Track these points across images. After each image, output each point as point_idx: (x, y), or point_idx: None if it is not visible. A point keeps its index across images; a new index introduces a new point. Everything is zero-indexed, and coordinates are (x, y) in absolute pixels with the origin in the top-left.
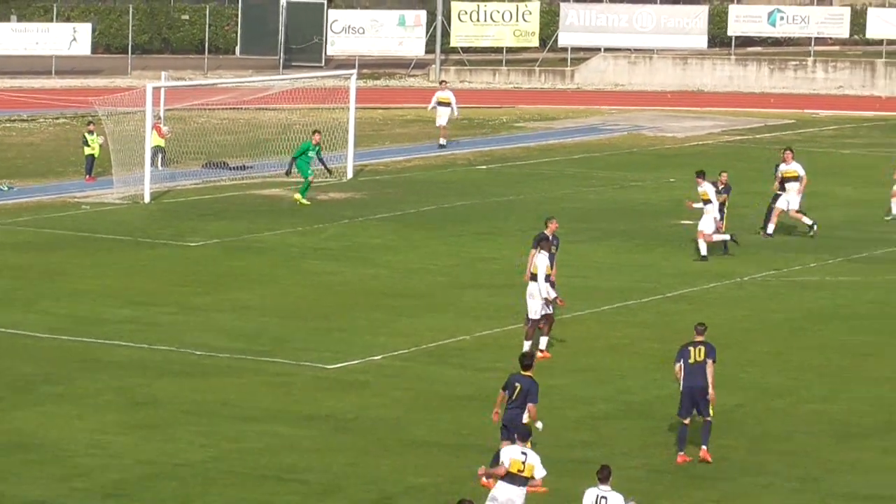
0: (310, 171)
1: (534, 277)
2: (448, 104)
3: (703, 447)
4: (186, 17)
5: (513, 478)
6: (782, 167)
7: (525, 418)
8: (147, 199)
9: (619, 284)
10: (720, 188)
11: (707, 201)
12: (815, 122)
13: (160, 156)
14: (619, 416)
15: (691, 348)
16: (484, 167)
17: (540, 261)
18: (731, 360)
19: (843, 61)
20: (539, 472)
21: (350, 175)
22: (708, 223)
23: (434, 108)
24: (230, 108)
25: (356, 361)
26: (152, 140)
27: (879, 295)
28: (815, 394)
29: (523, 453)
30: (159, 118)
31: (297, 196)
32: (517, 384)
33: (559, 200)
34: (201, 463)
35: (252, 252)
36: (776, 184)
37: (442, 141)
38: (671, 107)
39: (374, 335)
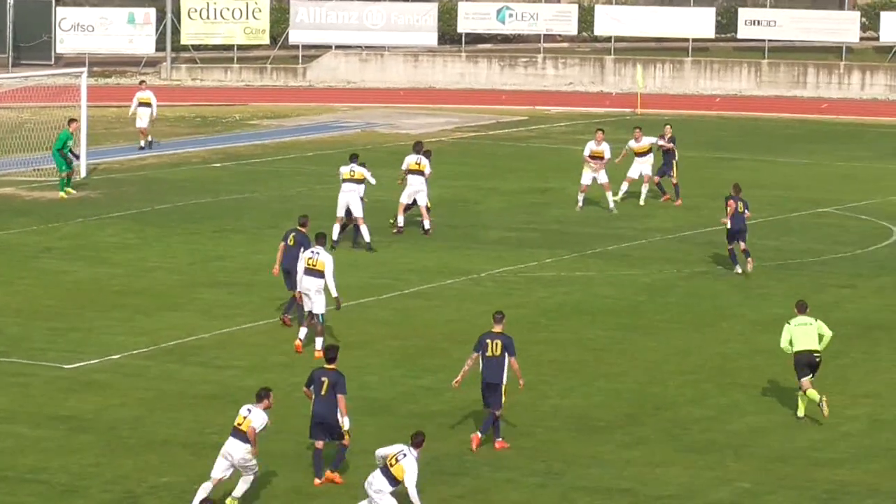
0: (65, 166)
1: (317, 273)
2: (149, 104)
3: (498, 439)
4: None
5: (236, 432)
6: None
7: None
8: None
9: (357, 281)
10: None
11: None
12: (547, 119)
13: None
14: (358, 412)
15: (488, 340)
16: (219, 165)
17: (326, 258)
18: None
19: (572, 58)
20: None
21: (84, 174)
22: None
23: (135, 110)
24: None
25: (94, 361)
26: None
27: (613, 290)
28: (554, 388)
29: (248, 409)
30: None
31: (62, 194)
32: (323, 378)
33: (294, 198)
34: None
35: None
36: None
37: (142, 142)
38: (404, 104)
39: (112, 334)
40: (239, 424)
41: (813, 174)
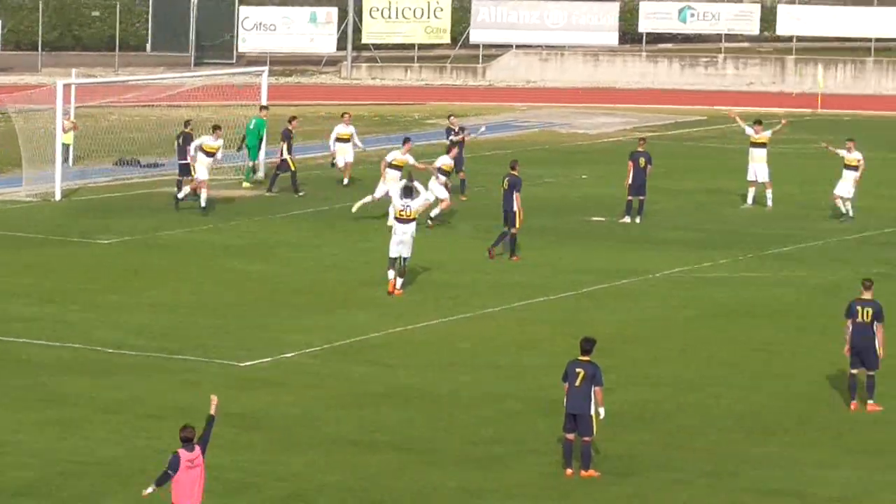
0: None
1: (409, 221)
2: (348, 140)
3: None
4: (97, 13)
5: None
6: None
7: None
8: (58, 196)
9: (532, 280)
10: None
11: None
12: (727, 119)
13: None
14: (529, 412)
15: (859, 307)
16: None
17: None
18: (641, 357)
19: (753, 58)
20: None
21: (262, 173)
22: None
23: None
24: (141, 106)
25: (267, 359)
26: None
27: (788, 291)
28: (726, 389)
29: None
30: (68, 115)
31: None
32: (579, 370)
33: (474, 197)
34: (114, 460)
35: (163, 249)
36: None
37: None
38: (583, 103)
39: (285, 333)
40: None
41: None
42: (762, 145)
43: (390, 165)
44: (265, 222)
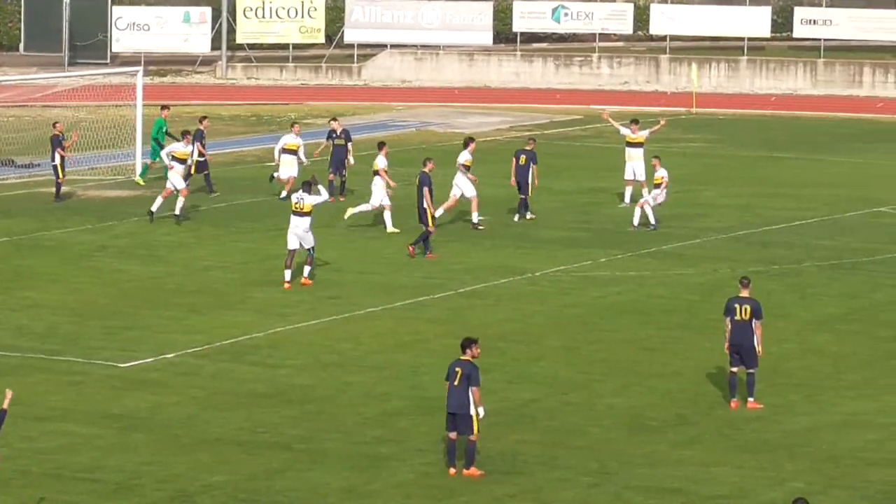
0: (157, 157)
1: (305, 214)
2: (295, 151)
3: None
4: None
5: None
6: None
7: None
8: None
9: (412, 281)
10: None
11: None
12: (601, 118)
13: None
14: (413, 412)
15: (737, 305)
16: (274, 163)
17: (311, 199)
18: (523, 356)
19: (627, 57)
20: None
21: (139, 173)
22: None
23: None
24: (15, 106)
25: (149, 359)
26: None
27: (667, 289)
28: (608, 388)
29: None
30: None
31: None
32: (457, 369)
33: (348, 196)
34: None
35: (42, 250)
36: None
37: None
38: (459, 103)
39: (166, 333)
40: None
41: (868, 173)
42: (639, 145)
43: (376, 173)
44: (144, 223)
